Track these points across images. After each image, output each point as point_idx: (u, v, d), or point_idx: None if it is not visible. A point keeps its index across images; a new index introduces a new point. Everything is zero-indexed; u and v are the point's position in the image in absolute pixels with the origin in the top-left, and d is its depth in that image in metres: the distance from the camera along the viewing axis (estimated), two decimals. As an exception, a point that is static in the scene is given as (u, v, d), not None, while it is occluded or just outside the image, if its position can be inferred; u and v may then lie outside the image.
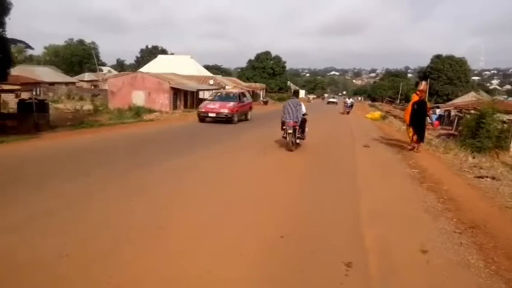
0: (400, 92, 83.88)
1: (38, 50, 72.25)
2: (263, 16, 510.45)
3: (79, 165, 8.19)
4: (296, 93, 13.61)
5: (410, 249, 4.38)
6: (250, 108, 22.88)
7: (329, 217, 5.48)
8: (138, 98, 29.62)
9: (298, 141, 11.69)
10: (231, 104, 19.74)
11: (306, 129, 12.30)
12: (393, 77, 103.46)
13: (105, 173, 7.46)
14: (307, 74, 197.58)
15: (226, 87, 42.65)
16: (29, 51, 58.54)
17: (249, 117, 22.30)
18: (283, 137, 11.78)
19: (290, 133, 11.28)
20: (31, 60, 61.25)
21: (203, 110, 19.70)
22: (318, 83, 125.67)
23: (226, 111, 19.07)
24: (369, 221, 5.33)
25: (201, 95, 37.18)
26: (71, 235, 4.33)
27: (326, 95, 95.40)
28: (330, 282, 3.54)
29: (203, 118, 19.51)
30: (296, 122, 11.35)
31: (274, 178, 7.95)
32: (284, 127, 11.61)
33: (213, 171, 8.25)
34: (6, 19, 12.45)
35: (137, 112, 23.28)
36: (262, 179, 7.79)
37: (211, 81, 41.11)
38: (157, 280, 3.45)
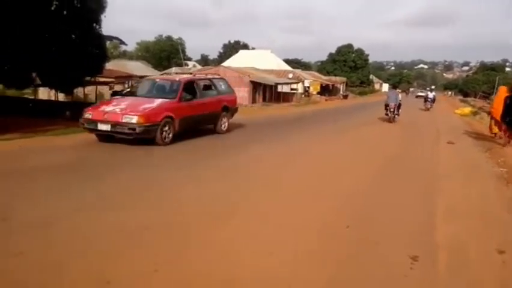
0: (496, 86, 76.87)
1: (131, 46, 77.65)
2: (345, 7, 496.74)
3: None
4: (395, 87, 20.65)
5: (485, 249, 4.13)
6: (227, 109, 11.83)
7: (401, 210, 5.35)
8: (219, 91, 30.51)
9: (395, 117, 17.99)
10: (155, 104, 9.37)
11: (400, 109, 18.48)
12: (489, 70, 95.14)
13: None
14: (393, 68, 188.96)
15: (305, 81, 42.46)
16: (123, 47, 63.45)
17: (223, 126, 11.66)
18: (386, 115, 18.06)
19: (392, 111, 17.74)
20: (125, 55, 65.93)
21: (89, 115, 9.17)
22: (404, 76, 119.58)
23: (133, 119, 8.66)
24: (443, 217, 5.10)
25: (279, 88, 37.46)
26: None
27: (411, 90, 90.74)
28: (393, 274, 3.48)
29: (93, 132, 9.34)
30: (395, 104, 17.83)
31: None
32: (387, 107, 17.91)
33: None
34: (102, 17, 13.47)
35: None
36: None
37: (290, 75, 41.21)
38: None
